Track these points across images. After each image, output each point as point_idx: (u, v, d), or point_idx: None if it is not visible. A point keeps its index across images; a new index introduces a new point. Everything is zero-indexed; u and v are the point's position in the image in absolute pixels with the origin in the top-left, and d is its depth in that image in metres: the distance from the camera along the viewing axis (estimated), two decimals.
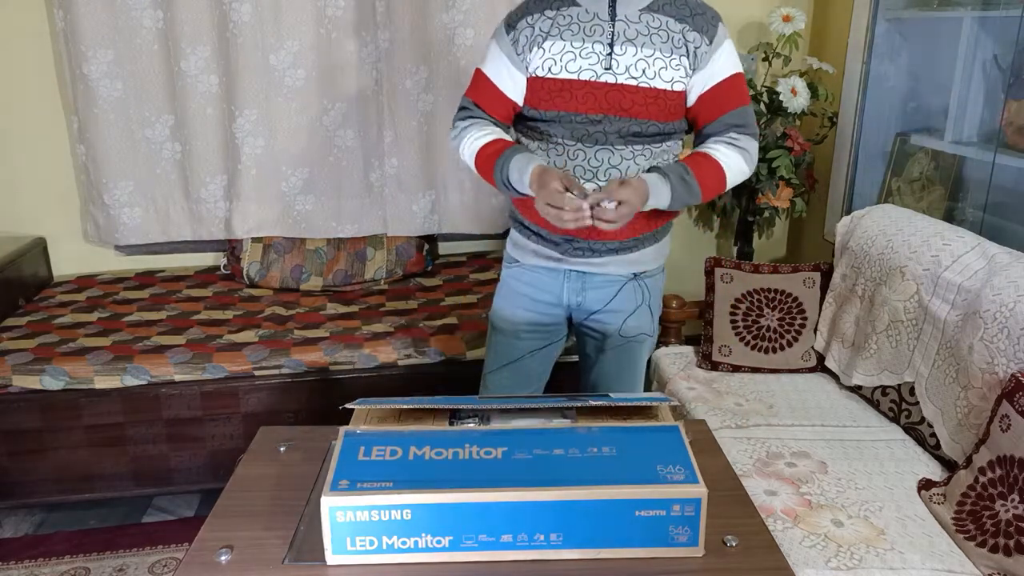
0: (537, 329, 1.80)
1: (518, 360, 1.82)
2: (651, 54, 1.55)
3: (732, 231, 3.24)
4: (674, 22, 1.56)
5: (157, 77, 2.80)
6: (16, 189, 2.92)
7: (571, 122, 1.60)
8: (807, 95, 2.80)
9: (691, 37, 1.56)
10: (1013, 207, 2.26)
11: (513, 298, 1.80)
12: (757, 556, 1.14)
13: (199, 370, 2.37)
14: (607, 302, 1.75)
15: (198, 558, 1.17)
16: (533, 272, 1.77)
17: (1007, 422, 1.54)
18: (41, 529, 2.42)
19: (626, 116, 1.58)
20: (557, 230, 1.67)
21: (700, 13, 1.58)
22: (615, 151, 1.61)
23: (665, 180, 1.58)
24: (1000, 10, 2.27)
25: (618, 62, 1.55)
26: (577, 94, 1.57)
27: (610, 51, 1.55)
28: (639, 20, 1.56)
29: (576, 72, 1.56)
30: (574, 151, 1.61)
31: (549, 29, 1.57)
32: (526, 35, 1.59)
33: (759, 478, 1.79)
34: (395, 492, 1.10)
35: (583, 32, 1.56)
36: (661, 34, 1.56)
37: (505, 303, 1.82)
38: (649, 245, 1.73)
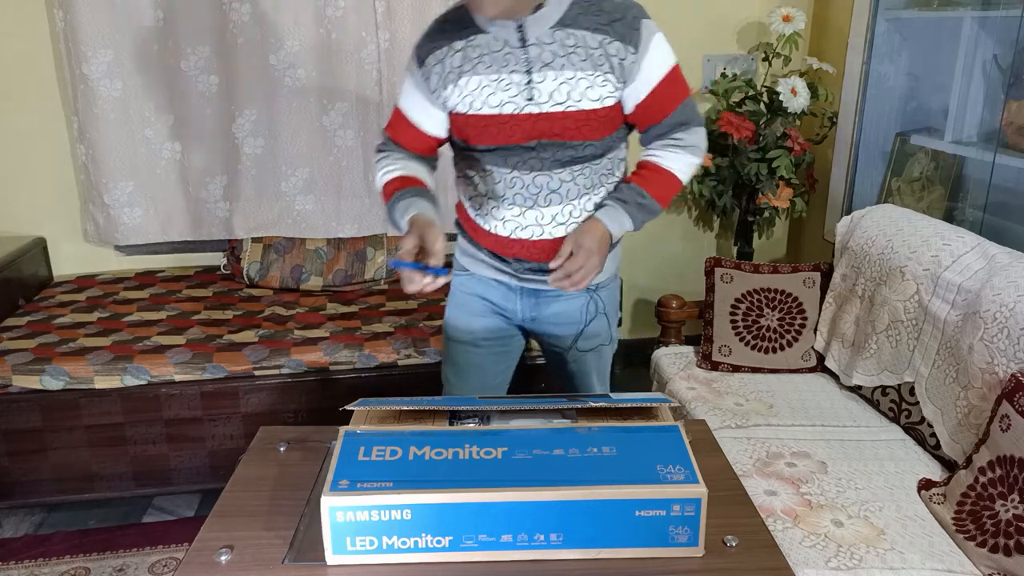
0: (493, 335, 1.75)
1: (477, 365, 1.76)
2: (572, 76, 1.44)
3: (732, 231, 3.24)
4: (591, 35, 1.43)
5: (157, 77, 2.80)
6: (16, 189, 2.92)
7: (505, 152, 1.52)
8: (807, 95, 2.80)
9: (613, 49, 1.44)
10: (1013, 207, 2.26)
11: (467, 306, 1.73)
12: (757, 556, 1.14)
13: (199, 370, 2.37)
14: (562, 316, 1.70)
15: (198, 558, 1.17)
16: (486, 284, 1.71)
17: (1007, 422, 1.54)
18: (41, 529, 2.42)
19: (559, 140, 1.49)
20: (500, 247, 1.64)
21: (619, 18, 1.44)
22: (553, 175, 1.53)
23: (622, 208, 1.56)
24: (1000, 10, 2.27)
25: (539, 90, 1.44)
26: (504, 128, 1.48)
27: (529, 79, 1.44)
28: (552, 40, 1.42)
29: (498, 106, 1.46)
30: (511, 179, 1.54)
31: (461, 64, 1.46)
32: (437, 73, 1.48)
33: (759, 478, 1.79)
34: (395, 492, 1.10)
35: (496, 64, 1.44)
36: (579, 51, 1.43)
37: (459, 312, 1.75)
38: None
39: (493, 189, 1.57)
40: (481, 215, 1.63)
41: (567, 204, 1.56)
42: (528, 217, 1.57)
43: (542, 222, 1.58)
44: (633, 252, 3.28)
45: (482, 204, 1.61)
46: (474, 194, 1.62)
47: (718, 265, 2.44)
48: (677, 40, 3.07)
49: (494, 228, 1.61)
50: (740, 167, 2.86)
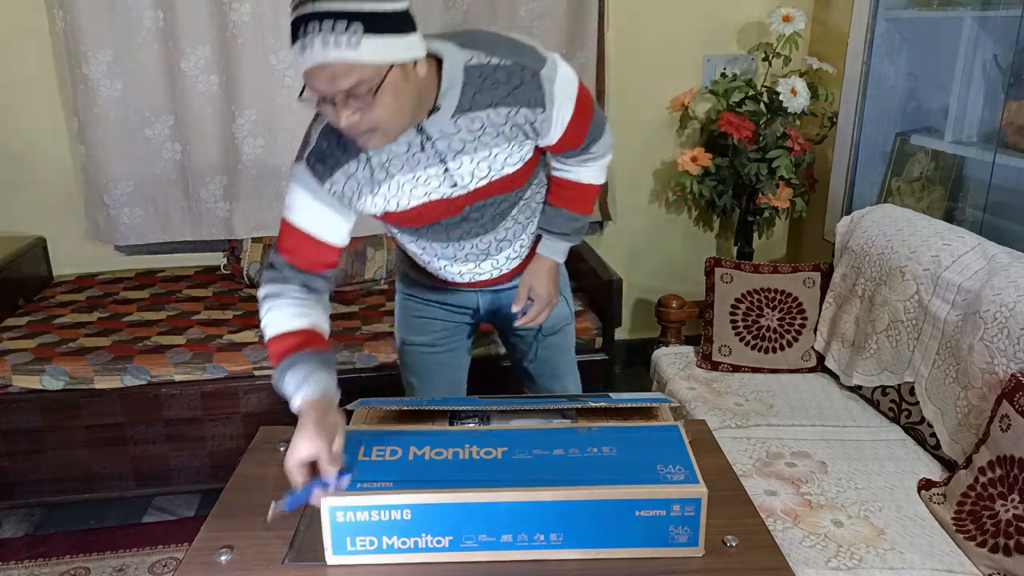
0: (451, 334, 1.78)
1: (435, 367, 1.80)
2: (488, 153, 1.38)
3: (732, 231, 3.24)
4: (494, 112, 1.33)
5: (157, 77, 2.80)
6: (16, 189, 2.92)
7: (444, 225, 1.49)
8: (807, 95, 2.80)
9: (521, 118, 1.35)
10: (1013, 207, 2.26)
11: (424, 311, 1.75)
12: (757, 556, 1.14)
13: (199, 370, 2.37)
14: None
15: (198, 558, 1.17)
16: (442, 291, 1.72)
17: (1007, 422, 1.54)
18: (41, 529, 2.42)
19: (489, 201, 1.47)
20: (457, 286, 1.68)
21: (518, 84, 1.32)
22: (498, 228, 1.54)
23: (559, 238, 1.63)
24: (1000, 10, 2.27)
25: (460, 175, 1.39)
26: (436, 210, 1.44)
27: (445, 168, 1.37)
28: (457, 128, 1.33)
29: (424, 196, 1.41)
30: (459, 245, 1.54)
31: (373, 175, 1.36)
32: (351, 187, 1.36)
33: (759, 478, 1.79)
34: (395, 492, 1.10)
35: (409, 164, 1.36)
36: (489, 131, 1.35)
37: (413, 320, 1.76)
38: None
39: (442, 253, 1.56)
40: (433, 268, 1.64)
41: (516, 241, 1.60)
42: (484, 267, 1.61)
43: (498, 265, 1.62)
44: (633, 252, 3.29)
45: (431, 261, 1.61)
46: (420, 252, 1.60)
47: (718, 265, 2.44)
48: (677, 40, 3.10)
49: (451, 278, 1.65)
50: (740, 167, 2.86)
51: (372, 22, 1.12)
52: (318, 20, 1.11)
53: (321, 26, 1.11)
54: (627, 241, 3.27)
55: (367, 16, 1.12)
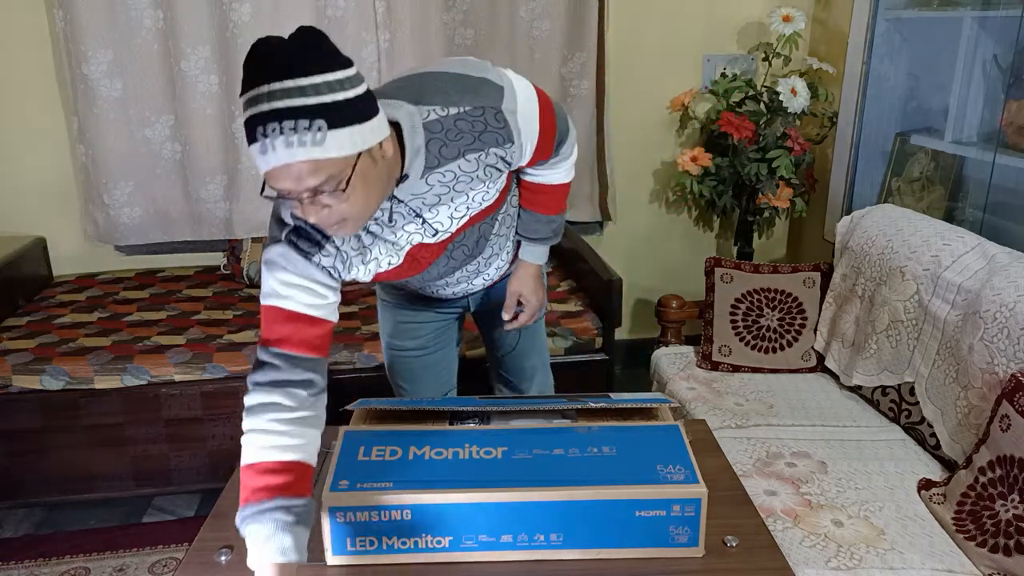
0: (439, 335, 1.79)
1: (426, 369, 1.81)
2: (464, 198, 1.35)
3: (732, 231, 3.24)
4: (464, 161, 1.28)
5: (157, 77, 2.80)
6: (16, 189, 2.92)
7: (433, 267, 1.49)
8: (807, 95, 2.80)
9: (492, 159, 1.31)
10: (1013, 207, 2.26)
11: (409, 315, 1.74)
12: (757, 556, 1.14)
13: (199, 370, 2.37)
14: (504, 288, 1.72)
15: (198, 558, 1.17)
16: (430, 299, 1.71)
17: (1007, 422, 1.54)
18: (41, 529, 2.42)
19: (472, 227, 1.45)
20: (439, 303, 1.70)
21: (483, 128, 1.27)
22: (483, 251, 1.54)
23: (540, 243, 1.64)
24: (1000, 10, 2.27)
25: (439, 222, 1.37)
26: (421, 259, 1.43)
27: (423, 220, 1.35)
28: (428, 186, 1.29)
29: (406, 246, 1.39)
30: (448, 273, 1.54)
31: (358, 244, 1.32)
32: (340, 259, 1.30)
33: (759, 478, 1.79)
34: (395, 492, 1.10)
35: (386, 227, 1.33)
36: (461, 179, 1.31)
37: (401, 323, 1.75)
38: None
39: (432, 282, 1.58)
40: (424, 292, 1.66)
41: (503, 252, 1.61)
42: (475, 283, 1.63)
43: (489, 277, 1.64)
44: (633, 252, 3.28)
45: (423, 287, 1.62)
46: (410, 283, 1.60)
47: (718, 265, 2.44)
48: (677, 40, 3.10)
49: (444, 296, 1.67)
50: (740, 167, 2.86)
51: (335, 115, 1.04)
52: (277, 120, 1.02)
53: (282, 127, 1.02)
54: (627, 241, 3.27)
55: (330, 109, 1.03)
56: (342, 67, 1.06)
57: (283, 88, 1.02)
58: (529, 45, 2.94)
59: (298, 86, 1.02)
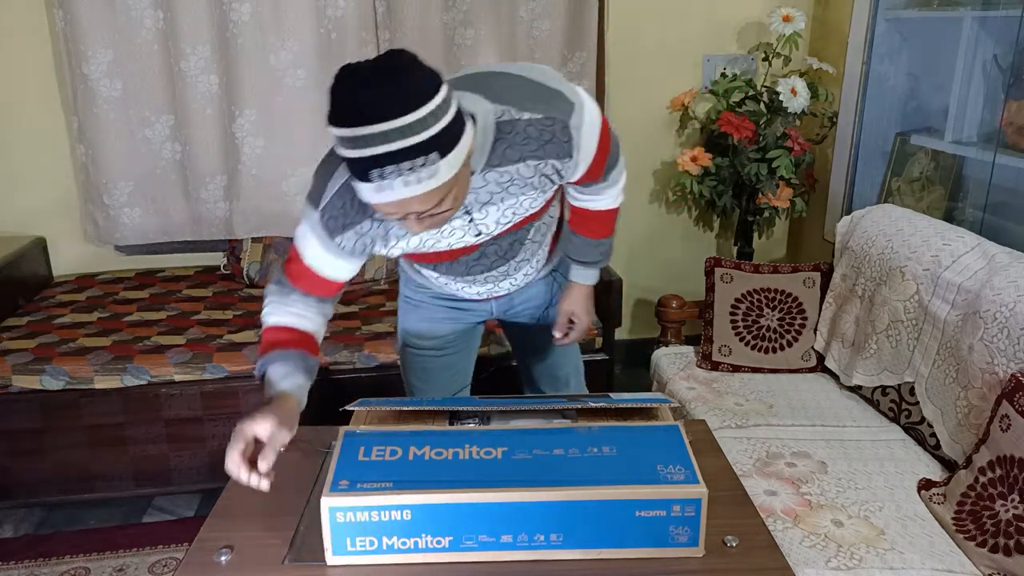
0: (460, 337, 1.77)
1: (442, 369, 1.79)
2: (514, 202, 1.37)
3: (732, 231, 3.24)
4: (523, 167, 1.31)
5: (157, 77, 2.80)
6: (16, 189, 2.92)
7: (463, 262, 1.50)
8: (807, 95, 2.80)
9: (549, 169, 1.33)
10: (1013, 207, 2.26)
11: (431, 313, 1.72)
12: (757, 556, 1.14)
13: (199, 370, 2.37)
14: (533, 300, 1.76)
15: (198, 558, 1.17)
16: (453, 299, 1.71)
17: (1007, 422, 1.54)
18: (41, 529, 2.42)
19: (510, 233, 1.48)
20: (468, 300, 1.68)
21: (548, 139, 1.29)
22: (517, 254, 1.55)
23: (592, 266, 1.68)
24: (1000, 10, 2.27)
25: (485, 224, 1.39)
26: (456, 254, 1.45)
27: (471, 219, 1.37)
28: (484, 182, 1.31)
29: (446, 246, 1.42)
30: (477, 271, 1.54)
31: (389, 231, 1.34)
32: (362, 243, 1.34)
33: (759, 478, 1.79)
34: (395, 492, 1.10)
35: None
36: (516, 183, 1.33)
37: (420, 323, 1.73)
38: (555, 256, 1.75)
39: (460, 275, 1.57)
40: (449, 289, 1.65)
41: (533, 259, 1.62)
42: (502, 286, 1.63)
43: (516, 283, 1.64)
44: (633, 252, 3.28)
45: (448, 283, 1.62)
46: (436, 276, 1.60)
47: (718, 265, 2.44)
48: (677, 40, 3.10)
49: (469, 296, 1.67)
50: (740, 167, 2.86)
51: (444, 143, 1.08)
52: (395, 163, 1.05)
53: (400, 168, 1.05)
54: (627, 241, 3.26)
55: (439, 138, 1.07)
56: (436, 89, 1.08)
57: (397, 128, 1.03)
58: (529, 45, 2.94)
59: (409, 124, 1.04)
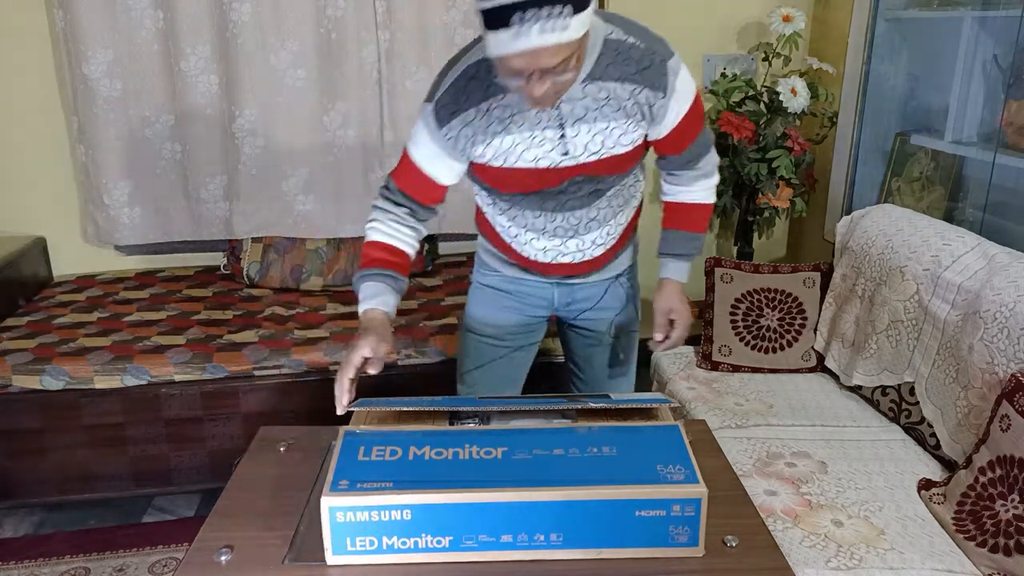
0: (521, 330, 1.78)
1: (499, 359, 1.79)
2: (606, 126, 1.43)
3: (732, 231, 3.24)
4: (621, 87, 1.40)
5: (157, 77, 2.80)
6: (16, 189, 2.92)
7: (541, 195, 1.53)
8: (807, 95, 2.80)
9: (643, 98, 1.42)
10: (1013, 207, 2.26)
11: (496, 302, 1.76)
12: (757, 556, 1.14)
13: (199, 370, 2.37)
14: (596, 301, 1.77)
15: (198, 558, 1.17)
16: (518, 281, 1.74)
17: (1007, 422, 1.54)
18: (41, 529, 2.42)
19: (591, 177, 1.51)
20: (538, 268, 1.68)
21: (647, 66, 1.40)
22: (591, 207, 1.57)
23: (684, 260, 1.73)
24: (1000, 10, 2.27)
25: (574, 144, 1.44)
26: (539, 178, 1.49)
27: (562, 134, 1.42)
28: (584, 94, 1.39)
29: (533, 161, 1.45)
30: (551, 216, 1.57)
31: (489, 126, 1.42)
32: (465, 135, 1.43)
33: (759, 478, 1.79)
34: (395, 492, 1.10)
35: (529, 122, 1.41)
36: (612, 103, 1.41)
37: (487, 308, 1.76)
38: (626, 250, 1.79)
39: (531, 223, 1.59)
40: (518, 243, 1.65)
41: (604, 226, 1.63)
42: (569, 246, 1.62)
43: (583, 247, 1.63)
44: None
45: (518, 235, 1.63)
46: (509, 224, 1.63)
47: (718, 265, 2.44)
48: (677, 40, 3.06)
49: (533, 256, 1.65)
50: (740, 167, 2.86)
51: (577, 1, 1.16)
52: (538, 7, 1.13)
53: (540, 13, 1.13)
54: None
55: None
56: None
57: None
58: None
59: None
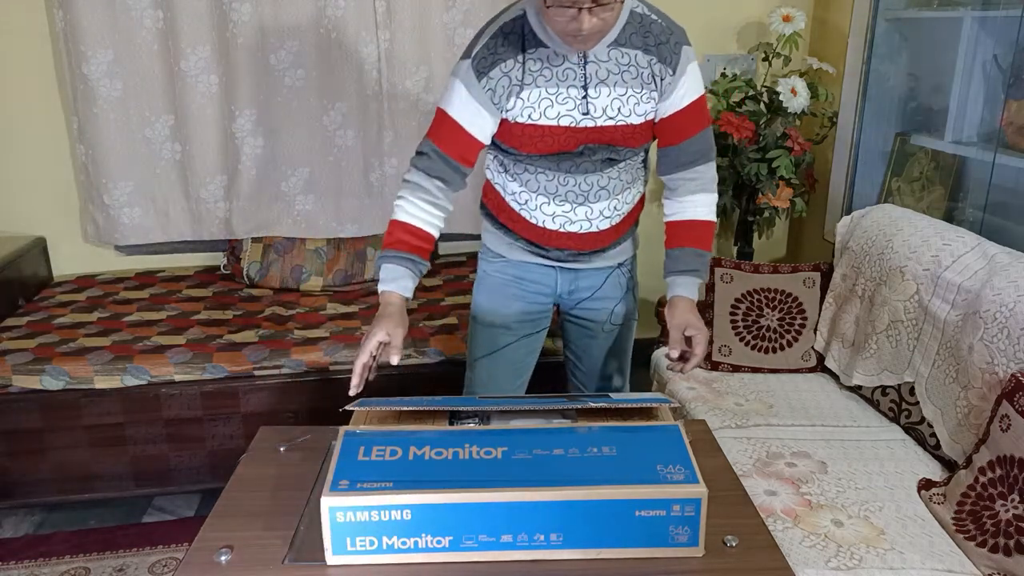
0: (527, 318, 1.83)
1: (507, 347, 1.83)
2: (624, 92, 1.54)
3: (732, 231, 3.24)
4: (642, 55, 1.53)
5: (157, 77, 2.80)
6: (16, 189, 2.92)
7: (556, 157, 1.61)
8: (807, 95, 2.80)
9: (658, 70, 1.54)
10: (1013, 207, 2.26)
11: (502, 290, 1.81)
12: (757, 556, 1.14)
13: (199, 370, 2.37)
14: (596, 290, 1.82)
15: (198, 558, 1.17)
16: (522, 267, 1.79)
17: (1007, 422, 1.54)
18: (41, 529, 2.42)
19: (605, 145, 1.59)
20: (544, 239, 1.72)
21: (663, 42, 1.54)
22: (603, 174, 1.65)
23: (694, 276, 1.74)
24: (1000, 10, 2.27)
25: (595, 105, 1.54)
26: (558, 138, 1.57)
27: (585, 94, 1.53)
28: (608, 58, 1.52)
29: (555, 118, 1.54)
30: (563, 179, 1.64)
31: (523, 77, 1.52)
32: (503, 85, 1.53)
33: (759, 478, 1.79)
34: (395, 492, 1.10)
35: (556, 77, 1.52)
36: (631, 70, 1.53)
37: (493, 297, 1.81)
38: (628, 239, 1.85)
39: (544, 187, 1.66)
40: (527, 210, 1.70)
41: (613, 199, 1.69)
42: (578, 213, 1.68)
43: (591, 216, 1.69)
44: None
45: (529, 200, 1.69)
46: (520, 190, 1.69)
47: (718, 265, 2.44)
48: None
49: (541, 222, 1.70)
50: (740, 167, 2.86)
51: None
52: None
53: None
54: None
55: None
56: None
57: None
58: None
59: None
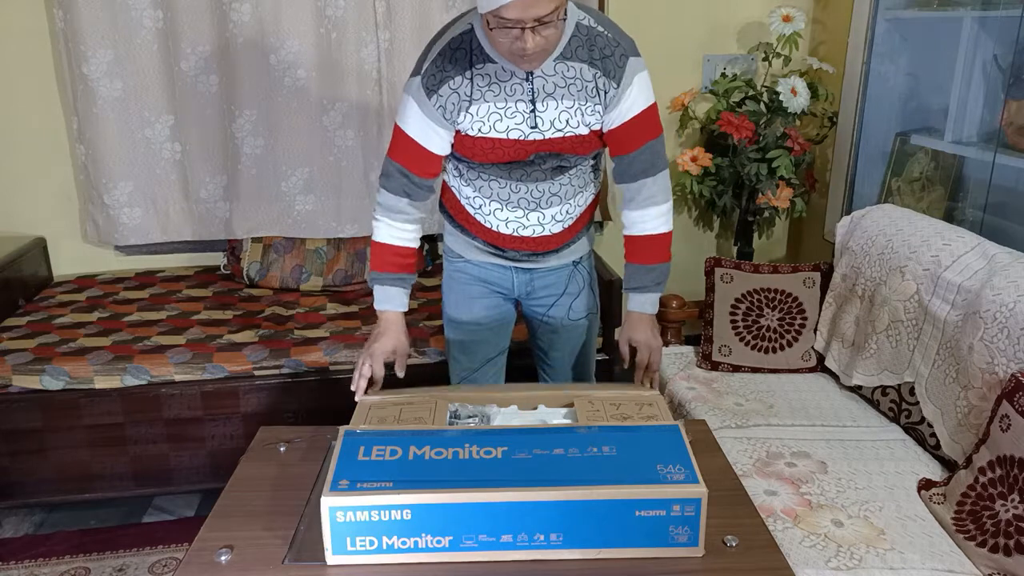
0: (492, 314, 1.89)
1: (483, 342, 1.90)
2: (571, 105, 1.55)
3: (732, 231, 3.24)
4: (587, 68, 1.54)
5: (157, 77, 2.80)
6: (16, 189, 2.92)
7: (508, 166, 1.64)
8: (807, 95, 2.80)
9: (602, 83, 1.55)
10: (1013, 207, 2.26)
11: (465, 291, 1.86)
12: (757, 556, 1.14)
13: (199, 370, 2.37)
14: (552, 289, 1.86)
15: (198, 558, 1.17)
16: (481, 267, 1.84)
17: (1007, 422, 1.54)
18: (41, 529, 2.42)
19: (555, 154, 1.61)
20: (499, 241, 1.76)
21: (608, 55, 1.54)
22: (554, 181, 1.68)
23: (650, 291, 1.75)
24: (1000, 10, 2.27)
25: (542, 119, 1.56)
26: (508, 150, 1.59)
27: (533, 108, 1.54)
28: (555, 72, 1.53)
29: (504, 132, 1.57)
30: (515, 186, 1.67)
31: (472, 92, 1.54)
32: (452, 101, 1.55)
33: (759, 478, 1.79)
34: (395, 492, 1.10)
35: (504, 92, 1.54)
36: (577, 83, 1.54)
37: (458, 298, 1.87)
38: (582, 237, 1.86)
39: (497, 194, 1.69)
40: (481, 214, 1.74)
41: (565, 204, 1.72)
42: (531, 218, 1.71)
43: (543, 221, 1.73)
44: None
45: (483, 205, 1.72)
46: (475, 195, 1.72)
47: (718, 265, 2.44)
48: (677, 40, 3.10)
49: (496, 227, 1.74)
50: (740, 167, 2.86)
51: None
52: None
53: None
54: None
55: None
56: None
57: None
58: None
59: None
